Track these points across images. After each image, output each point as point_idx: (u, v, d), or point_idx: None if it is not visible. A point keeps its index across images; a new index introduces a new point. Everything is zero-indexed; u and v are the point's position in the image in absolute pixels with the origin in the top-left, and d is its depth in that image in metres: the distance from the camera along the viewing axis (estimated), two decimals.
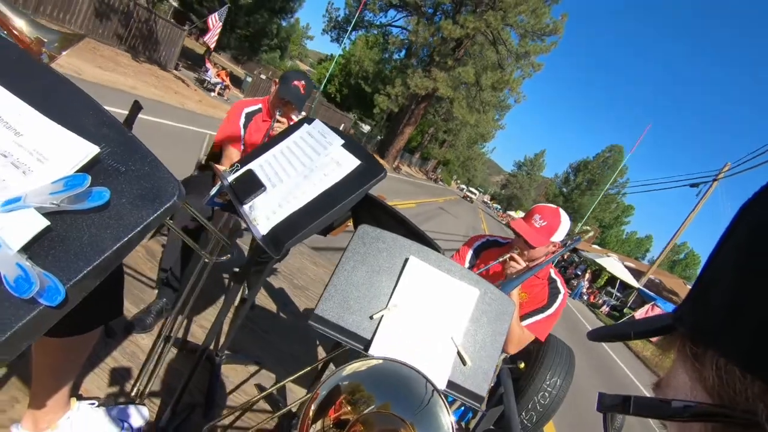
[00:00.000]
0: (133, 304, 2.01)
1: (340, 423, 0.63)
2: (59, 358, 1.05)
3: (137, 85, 9.78)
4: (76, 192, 0.40)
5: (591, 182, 55.10)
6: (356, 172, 1.08)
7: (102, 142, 0.44)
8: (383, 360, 0.73)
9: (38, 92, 0.47)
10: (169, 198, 0.43)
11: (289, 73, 2.22)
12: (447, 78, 24.21)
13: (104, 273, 0.41)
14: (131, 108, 1.56)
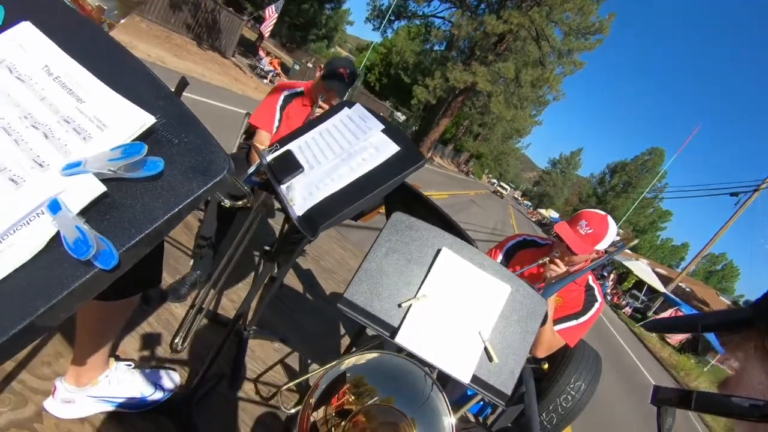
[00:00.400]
0: (169, 275, 2.09)
1: (343, 412, 0.63)
2: (101, 320, 1.11)
3: (206, 72, 10.47)
4: (133, 160, 0.41)
5: (627, 184, 53.65)
6: (395, 159, 1.07)
7: (158, 113, 0.45)
8: (380, 354, 0.73)
9: (99, 60, 0.48)
10: (219, 172, 0.43)
11: (335, 59, 2.23)
12: (486, 72, 23.89)
13: (155, 241, 0.42)
14: (178, 84, 1.60)
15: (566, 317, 1.81)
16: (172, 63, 9.45)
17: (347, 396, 0.66)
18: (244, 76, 13.41)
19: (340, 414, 0.64)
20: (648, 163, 52.88)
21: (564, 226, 1.79)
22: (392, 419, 0.65)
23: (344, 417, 0.64)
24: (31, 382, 1.26)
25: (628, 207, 44.16)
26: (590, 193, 60.19)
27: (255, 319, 1.96)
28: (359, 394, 0.66)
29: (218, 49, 14.33)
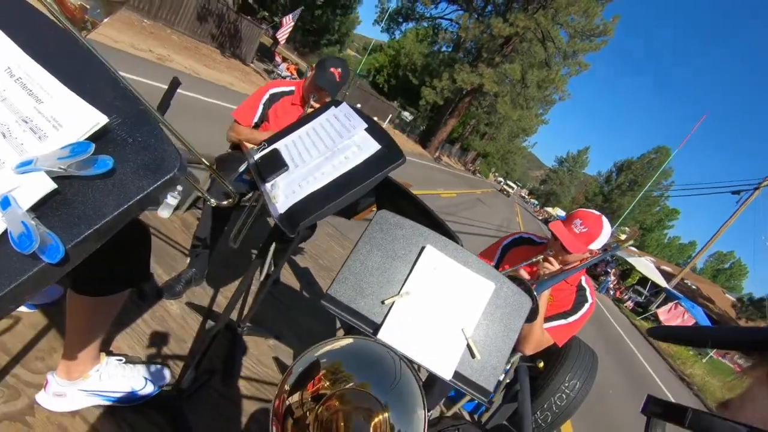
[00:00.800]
0: (165, 272, 2.12)
1: (318, 397, 0.64)
2: (89, 315, 1.13)
3: (233, 81, 11.13)
4: (80, 158, 0.43)
5: (633, 183, 53.71)
6: (376, 157, 1.08)
7: (114, 113, 0.47)
8: (354, 339, 0.74)
9: (63, 62, 0.50)
10: (169, 170, 0.45)
11: (327, 59, 2.22)
12: (493, 74, 24.64)
13: (105, 236, 0.44)
14: (170, 84, 1.62)
15: (555, 316, 1.81)
16: (204, 73, 10.06)
17: (323, 382, 0.67)
18: (263, 82, 14.12)
19: (315, 399, 0.65)
20: (654, 162, 52.94)
21: (559, 224, 1.79)
22: (366, 404, 0.66)
23: (319, 401, 0.65)
24: (24, 376, 1.29)
25: (632, 203, 43.42)
26: (596, 192, 60.25)
27: (249, 315, 1.98)
28: (335, 380, 0.67)
29: (239, 57, 15.23)
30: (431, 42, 31.43)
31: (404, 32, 31.61)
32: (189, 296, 2.06)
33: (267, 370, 1.93)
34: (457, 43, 28.40)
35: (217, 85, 9.49)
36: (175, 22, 12.44)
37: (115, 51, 7.43)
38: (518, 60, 25.91)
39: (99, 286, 1.09)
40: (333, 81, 2.15)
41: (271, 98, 2.24)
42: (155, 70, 7.69)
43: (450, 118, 29.86)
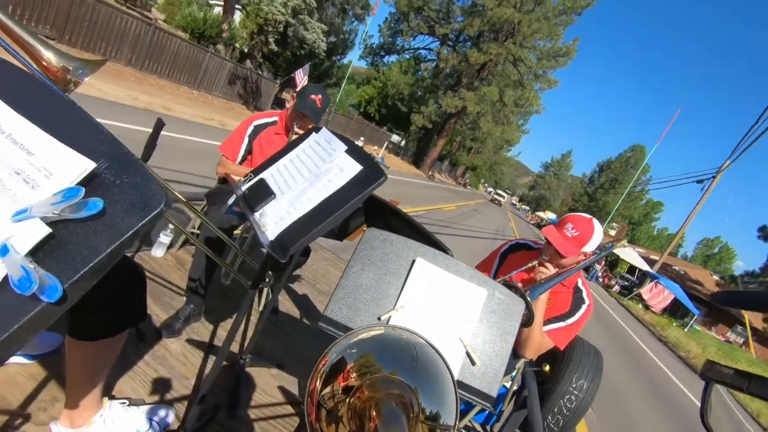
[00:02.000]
0: (163, 311, 2.12)
1: (347, 389, 0.65)
2: (89, 360, 1.14)
3: None
4: (72, 202, 0.46)
5: (614, 181, 57.08)
6: (358, 177, 1.12)
7: (101, 157, 0.50)
8: (390, 328, 0.75)
9: (49, 115, 0.53)
10: (156, 206, 0.48)
11: (307, 87, 2.29)
12: (474, 97, 27.99)
13: (100, 273, 0.46)
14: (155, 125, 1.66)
15: (553, 319, 1.83)
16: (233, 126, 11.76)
17: (352, 374, 0.68)
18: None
19: (345, 391, 0.67)
20: (631, 160, 56.52)
21: (551, 229, 1.83)
22: (396, 390, 0.67)
23: (349, 393, 0.66)
24: (28, 429, 1.29)
25: (617, 202, 46.82)
26: (582, 192, 63.22)
27: (250, 346, 1.98)
28: (364, 372, 0.68)
29: (259, 108, 17.72)
30: (414, 72, 34.98)
31: (388, 65, 35.20)
32: (189, 333, 2.06)
33: (272, 399, 1.92)
34: (437, 72, 31.84)
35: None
36: (213, 88, 15.53)
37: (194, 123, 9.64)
38: (495, 82, 29.44)
39: (96, 330, 1.10)
40: (314, 107, 2.20)
41: (255, 130, 2.29)
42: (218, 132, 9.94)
43: (439, 139, 33.10)
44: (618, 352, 9.75)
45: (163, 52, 12.72)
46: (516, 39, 26.63)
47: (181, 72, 13.71)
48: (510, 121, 32.87)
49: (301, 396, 2.05)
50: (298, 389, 2.09)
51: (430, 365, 0.68)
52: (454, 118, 31.47)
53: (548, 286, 1.71)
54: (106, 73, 10.07)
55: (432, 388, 0.67)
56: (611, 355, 7.56)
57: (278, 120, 2.35)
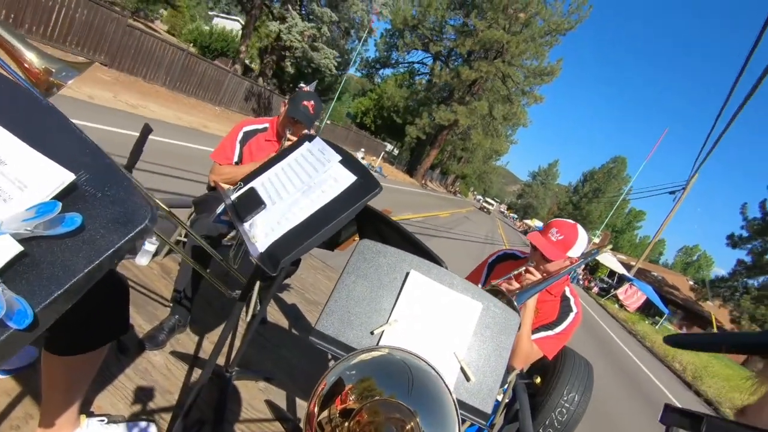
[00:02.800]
0: (147, 321, 2.06)
1: (345, 412, 0.63)
2: (67, 376, 1.08)
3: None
4: (47, 218, 0.42)
5: (597, 191, 60.31)
6: (352, 188, 1.09)
7: (81, 169, 0.46)
8: (390, 350, 0.73)
9: (25, 122, 0.49)
10: (140, 221, 0.44)
11: (299, 93, 2.25)
12: (465, 110, 30.14)
13: (76, 296, 0.42)
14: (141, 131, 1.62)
15: (541, 327, 1.82)
16: None
17: (350, 396, 0.65)
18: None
19: (343, 414, 0.64)
20: (613, 170, 59.91)
21: (536, 235, 1.84)
22: (396, 414, 0.64)
23: (347, 417, 0.63)
24: None
25: (601, 211, 53.60)
26: (567, 201, 65.86)
27: (237, 359, 1.92)
28: (363, 395, 0.66)
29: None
30: (409, 85, 37.01)
31: (383, 78, 37.96)
32: (173, 345, 2.00)
33: (259, 414, 1.86)
34: (430, 86, 33.71)
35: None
36: (231, 104, 16.88)
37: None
38: (485, 97, 31.64)
39: (75, 344, 1.04)
40: (306, 113, 2.17)
41: (245, 136, 2.25)
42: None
43: (432, 149, 35.62)
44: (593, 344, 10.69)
45: (192, 74, 14.46)
46: (505, 58, 29.05)
47: (206, 91, 15.40)
48: (499, 133, 35.32)
49: (290, 411, 2.00)
50: (287, 403, 2.03)
51: (431, 388, 0.66)
52: (447, 129, 33.43)
53: (534, 291, 1.71)
54: (148, 93, 11.28)
55: (432, 412, 0.65)
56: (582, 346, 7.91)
57: (269, 126, 2.32)
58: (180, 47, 13.93)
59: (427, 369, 0.66)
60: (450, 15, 31.01)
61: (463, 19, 30.31)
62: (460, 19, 30.96)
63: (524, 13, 27.88)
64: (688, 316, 32.76)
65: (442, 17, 31.04)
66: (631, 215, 56.00)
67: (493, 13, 27.90)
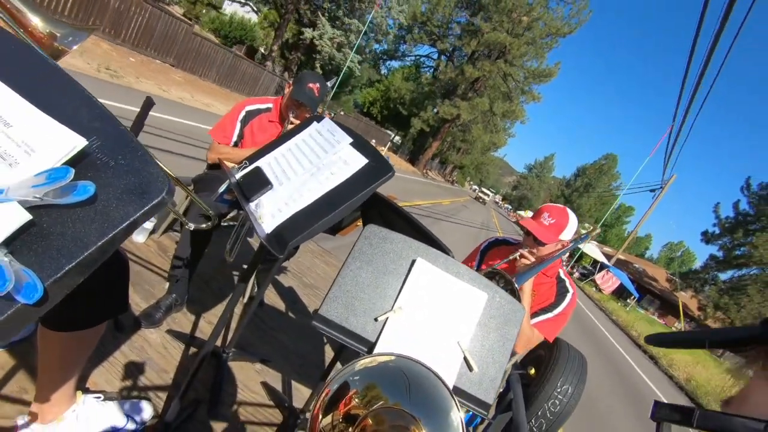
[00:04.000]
0: (143, 299, 2.03)
1: (350, 417, 0.62)
2: (64, 352, 1.06)
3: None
4: (58, 185, 0.39)
5: (588, 186, 63.29)
6: (363, 171, 1.06)
7: (93, 134, 0.43)
8: (395, 357, 0.71)
9: (32, 83, 0.46)
10: (157, 194, 0.41)
11: (304, 74, 2.20)
12: (467, 106, 32.40)
13: (88, 270, 0.40)
14: (143, 105, 1.57)
15: (540, 311, 1.83)
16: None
17: (354, 401, 0.64)
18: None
19: (347, 419, 0.63)
20: (604, 167, 62.81)
21: (528, 220, 1.87)
22: (401, 422, 0.64)
23: (351, 422, 0.62)
24: None
25: (590, 205, 57.48)
26: (558, 195, 68.76)
27: (234, 340, 1.91)
28: (367, 400, 0.65)
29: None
30: (415, 79, 38.70)
31: (390, 70, 40.44)
32: (169, 323, 1.98)
33: (255, 395, 1.86)
34: (435, 81, 35.26)
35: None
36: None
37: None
38: (486, 94, 33.79)
39: (73, 320, 1.02)
40: (312, 96, 2.12)
41: (248, 115, 2.20)
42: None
43: (434, 141, 37.74)
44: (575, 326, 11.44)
45: (236, 72, 16.36)
46: (507, 58, 31.18)
47: (245, 86, 17.14)
48: (498, 128, 37.91)
49: (286, 393, 2.00)
50: (282, 386, 2.03)
51: (436, 397, 0.65)
52: (449, 123, 35.37)
53: (531, 274, 1.74)
54: (205, 90, 12.58)
55: (437, 422, 0.65)
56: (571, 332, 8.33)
57: (272, 107, 2.26)
58: (228, 50, 15.96)
59: (433, 378, 0.65)
60: (457, 14, 32.61)
61: (469, 18, 31.77)
62: (465, 18, 32.30)
63: (527, 16, 29.44)
64: (663, 305, 35.47)
65: (449, 15, 32.41)
66: (620, 210, 58.18)
67: (498, 16, 29.42)
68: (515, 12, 29.30)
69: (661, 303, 35.87)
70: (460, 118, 33.14)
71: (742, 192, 27.75)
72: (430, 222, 13.51)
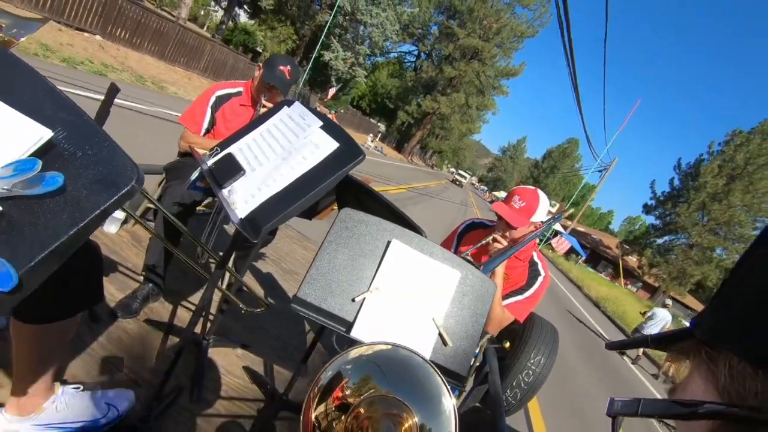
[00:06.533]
0: (119, 290, 2.01)
1: (342, 406, 0.64)
2: (39, 345, 1.05)
3: None
4: (25, 177, 0.40)
5: (553, 167, 70.05)
6: (335, 155, 1.07)
7: (58, 125, 0.43)
8: (389, 345, 0.73)
9: None
10: (126, 183, 0.42)
11: (275, 57, 2.16)
12: (446, 101, 38.88)
13: (61, 259, 0.41)
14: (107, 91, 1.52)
15: (512, 293, 1.89)
16: None
17: (346, 390, 0.66)
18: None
19: (339, 408, 0.65)
20: (567, 150, 69.64)
21: (500, 204, 1.89)
22: (393, 409, 0.66)
23: (344, 411, 0.64)
24: None
25: (555, 184, 65.79)
26: (528, 176, 74.96)
27: (214, 327, 1.92)
28: (360, 389, 0.66)
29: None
30: (399, 75, 44.52)
31: (375, 65, 44.28)
32: (147, 313, 1.96)
33: (237, 380, 1.88)
34: (417, 77, 41.21)
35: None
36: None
37: None
38: (462, 90, 40.00)
39: (47, 313, 1.01)
40: (283, 78, 2.10)
41: (218, 101, 2.16)
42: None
43: (417, 130, 44.26)
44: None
45: (247, 76, 16.93)
46: (480, 58, 37.49)
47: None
48: (473, 118, 45.04)
49: (268, 376, 2.02)
50: (264, 369, 2.06)
51: (429, 385, 0.67)
52: (430, 115, 41.20)
53: (502, 259, 1.77)
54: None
55: (428, 406, 0.67)
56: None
57: (243, 91, 2.23)
58: (243, 56, 17.66)
59: (426, 366, 0.67)
60: (435, 19, 38.77)
61: (445, 22, 37.53)
62: (443, 20, 38.16)
63: (497, 23, 35.68)
64: (615, 269, 39.97)
65: (428, 19, 38.20)
66: (585, 189, 62.55)
67: (472, 24, 35.50)
68: (486, 20, 35.56)
69: (614, 267, 40.56)
70: (439, 111, 39.10)
71: (674, 170, 33.31)
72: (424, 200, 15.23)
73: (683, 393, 0.35)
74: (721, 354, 0.30)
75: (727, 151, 29.11)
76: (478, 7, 35.19)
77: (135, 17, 12.27)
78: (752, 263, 0.32)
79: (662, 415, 0.34)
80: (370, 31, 26.44)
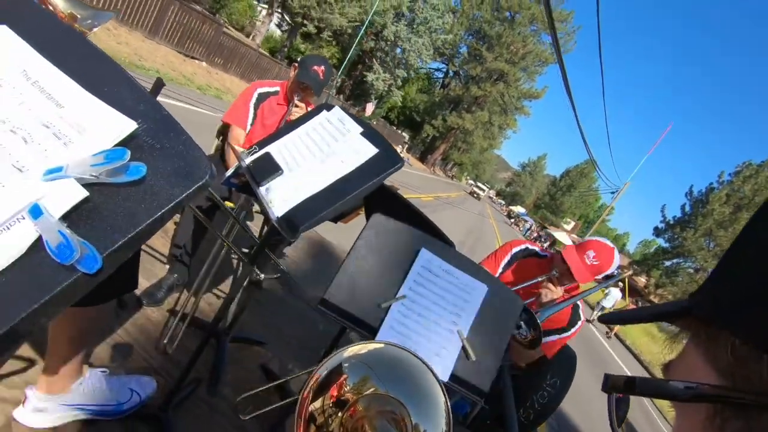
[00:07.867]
0: (145, 278, 2.05)
1: (339, 402, 0.64)
2: (75, 327, 1.08)
3: None
4: (116, 165, 0.41)
5: (570, 186, 70.65)
6: (373, 161, 1.08)
7: (139, 117, 0.45)
8: (385, 344, 0.74)
9: (79, 66, 0.48)
10: (201, 177, 0.44)
11: (309, 57, 2.20)
12: (471, 118, 41.25)
13: (137, 245, 0.42)
14: (154, 85, 1.57)
15: (551, 331, 1.85)
16: None
17: (344, 387, 0.67)
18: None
19: (336, 405, 0.65)
20: (585, 170, 70.06)
21: (572, 252, 1.80)
22: (389, 407, 0.66)
23: (341, 407, 0.65)
24: (0, 391, 1.22)
25: (571, 203, 68.08)
26: (545, 193, 75.35)
27: (235, 323, 1.94)
28: (357, 386, 0.67)
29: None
30: (427, 91, 46.42)
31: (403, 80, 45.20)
32: (170, 303, 2.00)
33: (253, 376, 1.90)
34: (444, 94, 43.39)
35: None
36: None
37: None
38: (487, 108, 41.86)
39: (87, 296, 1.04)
40: (316, 79, 2.13)
41: (259, 98, 2.21)
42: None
43: (441, 143, 46.96)
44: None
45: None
46: (505, 80, 39.92)
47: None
48: (495, 135, 47.46)
49: (282, 374, 2.04)
50: (279, 368, 2.07)
51: (424, 385, 0.68)
52: (455, 129, 43.57)
53: (554, 311, 1.71)
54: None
55: (424, 406, 0.67)
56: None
57: (280, 90, 2.27)
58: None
59: (422, 367, 0.67)
60: (465, 40, 40.75)
61: (474, 44, 39.56)
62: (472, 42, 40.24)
63: (523, 48, 37.78)
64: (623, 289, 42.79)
65: (458, 39, 39.73)
66: (602, 209, 62.38)
67: (499, 48, 37.56)
68: (513, 45, 37.72)
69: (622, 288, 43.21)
70: (463, 126, 41.43)
71: (686, 197, 34.08)
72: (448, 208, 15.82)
73: (676, 371, 0.34)
74: (723, 333, 0.29)
75: (736, 182, 29.77)
76: (506, 33, 37.31)
77: (230, 46, 15.01)
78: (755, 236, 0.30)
79: (657, 395, 0.32)
80: (407, 55, 29.26)
